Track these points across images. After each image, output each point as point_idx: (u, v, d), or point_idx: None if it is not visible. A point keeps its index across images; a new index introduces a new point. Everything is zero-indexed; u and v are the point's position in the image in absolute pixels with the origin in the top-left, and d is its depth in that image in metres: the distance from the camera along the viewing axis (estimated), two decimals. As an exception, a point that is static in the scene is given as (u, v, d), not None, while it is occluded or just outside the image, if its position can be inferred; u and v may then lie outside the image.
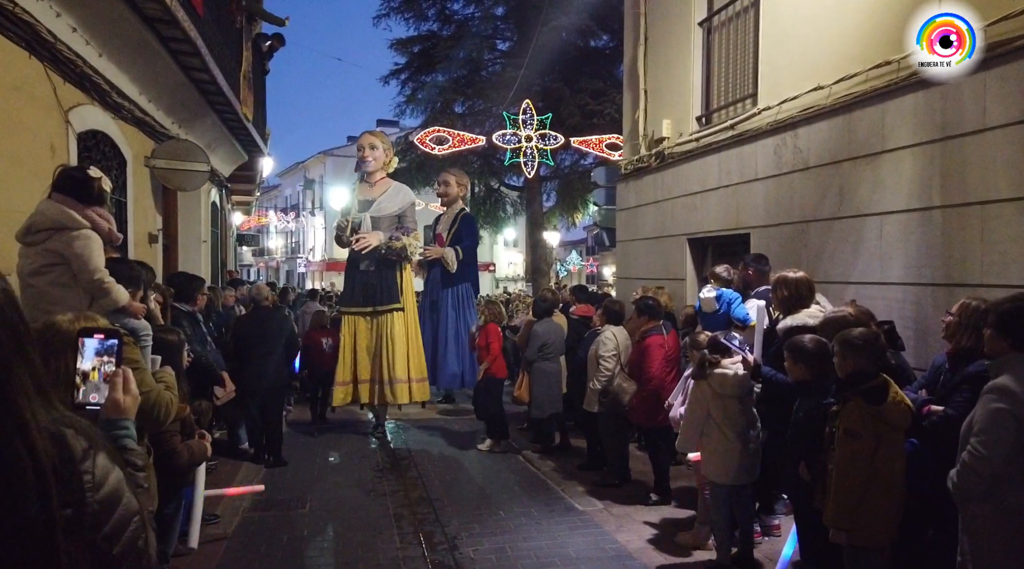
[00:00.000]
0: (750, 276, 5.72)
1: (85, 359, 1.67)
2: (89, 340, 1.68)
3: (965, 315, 3.56)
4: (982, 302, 3.53)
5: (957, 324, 3.60)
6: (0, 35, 4.49)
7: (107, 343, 1.69)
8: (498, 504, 6.00)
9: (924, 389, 3.76)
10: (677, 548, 4.97)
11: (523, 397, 7.85)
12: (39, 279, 3.04)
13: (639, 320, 6.15)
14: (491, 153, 17.91)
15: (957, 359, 3.59)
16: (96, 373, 1.68)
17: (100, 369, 1.68)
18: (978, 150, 4.61)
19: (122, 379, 1.63)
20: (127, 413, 1.62)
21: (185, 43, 6.78)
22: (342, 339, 8.61)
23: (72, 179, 3.06)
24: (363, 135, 9.18)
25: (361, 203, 8.95)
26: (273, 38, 12.48)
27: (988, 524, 2.93)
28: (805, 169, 6.29)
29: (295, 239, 47.88)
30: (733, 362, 4.55)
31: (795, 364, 3.91)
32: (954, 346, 3.63)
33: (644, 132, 9.46)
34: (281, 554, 4.94)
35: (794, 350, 3.90)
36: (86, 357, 1.67)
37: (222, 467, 6.87)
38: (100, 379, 1.67)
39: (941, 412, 3.45)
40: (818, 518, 3.55)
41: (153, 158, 7.64)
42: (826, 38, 6.06)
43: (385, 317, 8.52)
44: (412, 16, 19.57)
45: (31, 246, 3.11)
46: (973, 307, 3.54)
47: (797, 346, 3.90)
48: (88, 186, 3.06)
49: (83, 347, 1.67)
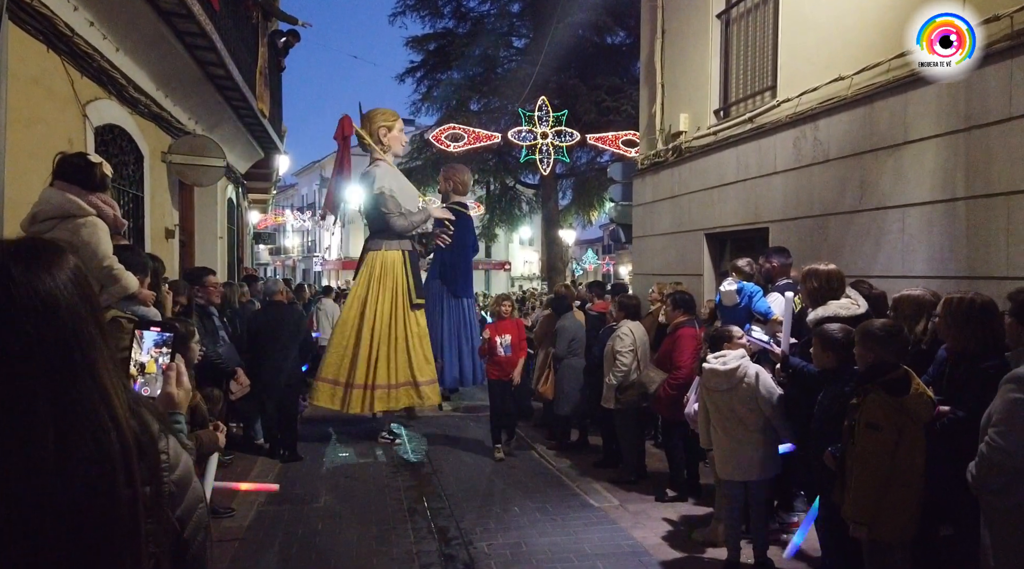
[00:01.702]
0: (771, 269, 5.64)
1: (143, 351, 1.68)
2: (148, 333, 1.69)
3: (948, 311, 3.47)
4: (964, 295, 3.47)
5: (944, 323, 3.51)
6: (18, 28, 4.52)
7: (164, 336, 1.70)
8: (513, 500, 5.97)
9: (930, 386, 3.68)
10: (693, 545, 4.91)
11: (547, 393, 7.77)
12: None
13: (673, 313, 6.10)
14: (507, 150, 17.88)
15: (955, 355, 3.51)
16: (154, 364, 1.68)
17: (158, 361, 1.69)
18: (1004, 140, 4.51)
19: (176, 372, 1.63)
20: (180, 407, 1.62)
21: (201, 38, 6.80)
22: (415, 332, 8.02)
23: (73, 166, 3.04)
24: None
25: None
26: (288, 34, 12.51)
27: (1010, 517, 2.85)
28: (825, 161, 6.19)
29: (311, 238, 48.10)
30: (736, 354, 4.49)
31: (823, 352, 3.89)
32: (948, 343, 3.54)
33: (661, 126, 9.38)
34: (296, 548, 4.94)
35: (824, 338, 3.89)
36: (144, 349, 1.68)
37: (238, 462, 6.89)
38: (158, 371, 1.68)
39: (950, 413, 3.36)
40: (838, 512, 3.48)
41: (170, 153, 7.68)
42: (847, 27, 5.96)
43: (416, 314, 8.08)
44: (428, 14, 19.60)
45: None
46: (956, 302, 3.45)
47: (827, 334, 3.89)
48: (90, 172, 3.04)
49: (141, 339, 1.68)
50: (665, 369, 5.91)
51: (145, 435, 1.16)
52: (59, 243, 1.22)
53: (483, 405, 10.23)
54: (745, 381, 4.40)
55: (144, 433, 1.16)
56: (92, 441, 1.07)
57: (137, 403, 1.20)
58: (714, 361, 4.51)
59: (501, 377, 7.38)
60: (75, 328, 1.11)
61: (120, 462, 1.08)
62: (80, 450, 1.05)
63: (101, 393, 1.10)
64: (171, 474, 1.19)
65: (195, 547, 1.24)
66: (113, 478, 1.07)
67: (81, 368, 1.10)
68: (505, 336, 7.30)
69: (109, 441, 1.08)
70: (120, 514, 1.08)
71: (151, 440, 1.17)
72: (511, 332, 7.37)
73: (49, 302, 1.09)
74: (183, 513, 1.21)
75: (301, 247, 49.29)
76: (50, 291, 1.09)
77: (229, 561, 4.64)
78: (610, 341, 6.44)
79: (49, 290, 1.09)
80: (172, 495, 1.19)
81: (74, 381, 1.08)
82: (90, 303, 1.16)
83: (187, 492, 1.23)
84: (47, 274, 1.11)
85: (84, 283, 1.17)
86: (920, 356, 3.82)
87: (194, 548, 1.24)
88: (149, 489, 1.13)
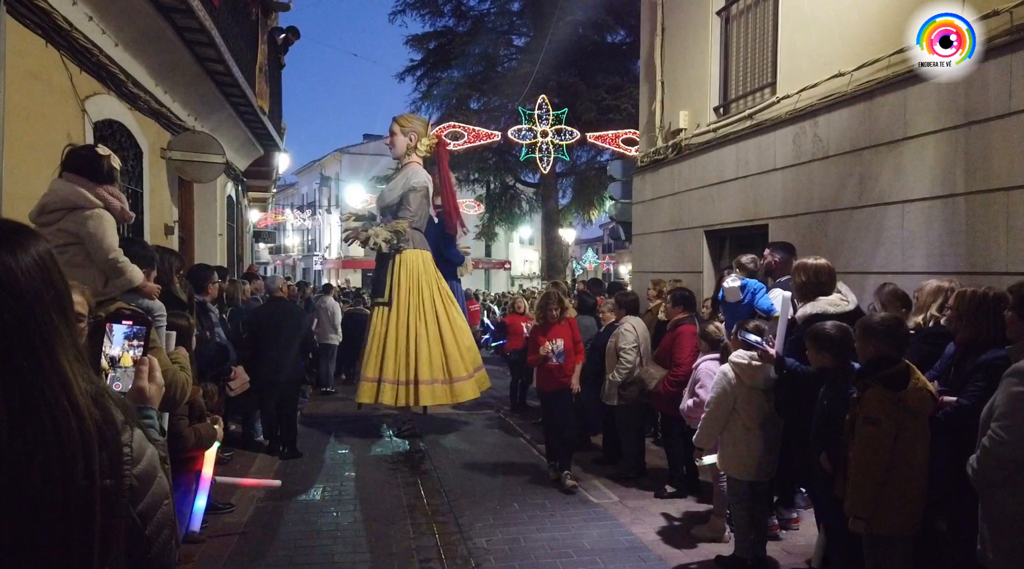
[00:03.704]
0: (773, 264, 5.59)
1: (114, 344, 1.62)
2: (118, 326, 1.63)
3: (962, 305, 3.47)
4: (977, 288, 3.48)
5: (956, 315, 3.51)
6: (17, 22, 4.51)
7: (135, 329, 1.64)
8: (512, 496, 5.96)
9: (936, 380, 3.67)
10: (692, 541, 4.90)
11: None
12: None
13: (673, 310, 6.08)
14: (507, 149, 17.89)
15: (965, 349, 3.51)
16: (127, 357, 1.63)
17: (130, 354, 1.64)
18: (1004, 135, 4.51)
19: (148, 367, 1.57)
20: (152, 402, 1.56)
21: (200, 33, 6.79)
22: (372, 331, 8.21)
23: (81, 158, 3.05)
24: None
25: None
26: (288, 31, 12.50)
27: (1009, 511, 2.84)
28: (825, 158, 6.19)
29: (311, 237, 48.11)
30: (750, 355, 4.47)
31: (818, 353, 3.78)
32: (959, 336, 3.54)
33: (661, 124, 9.38)
34: (294, 543, 4.93)
35: (817, 338, 3.77)
36: (114, 342, 1.62)
37: (238, 458, 6.89)
38: (129, 365, 1.62)
39: (955, 402, 3.36)
40: (840, 507, 3.47)
41: (169, 150, 7.67)
42: (847, 24, 5.96)
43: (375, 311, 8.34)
44: (428, 12, 19.63)
45: (45, 226, 3.10)
46: (969, 295, 3.46)
47: (820, 334, 3.77)
48: (97, 164, 3.05)
49: (111, 332, 1.62)
50: (665, 366, 5.91)
51: (108, 425, 1.13)
52: (32, 228, 1.20)
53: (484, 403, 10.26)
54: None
55: (107, 423, 1.13)
56: (50, 425, 1.05)
57: (102, 394, 1.17)
58: (744, 358, 4.42)
59: (554, 387, 6.21)
60: (36, 312, 1.10)
61: (79, 449, 1.06)
62: (34, 432, 1.03)
63: (60, 378, 1.09)
64: (133, 467, 1.16)
65: (158, 545, 1.21)
66: (71, 465, 1.05)
67: (41, 352, 1.08)
68: (557, 342, 6.15)
69: (68, 427, 1.06)
70: (75, 502, 1.05)
71: (114, 431, 1.14)
72: (563, 336, 6.21)
73: (7, 280, 1.08)
74: (145, 508, 1.18)
75: (301, 246, 49.31)
76: (10, 270, 1.09)
77: (228, 556, 4.63)
78: (612, 338, 6.43)
79: (9, 269, 1.09)
80: (133, 489, 1.16)
81: (32, 364, 1.07)
82: (55, 289, 1.15)
83: (151, 487, 1.20)
84: (9, 254, 1.10)
85: (50, 269, 1.15)
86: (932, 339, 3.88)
87: (157, 546, 1.21)
88: (109, 482, 1.10)
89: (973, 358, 3.41)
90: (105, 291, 2.98)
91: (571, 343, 6.25)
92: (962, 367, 3.48)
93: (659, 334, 6.49)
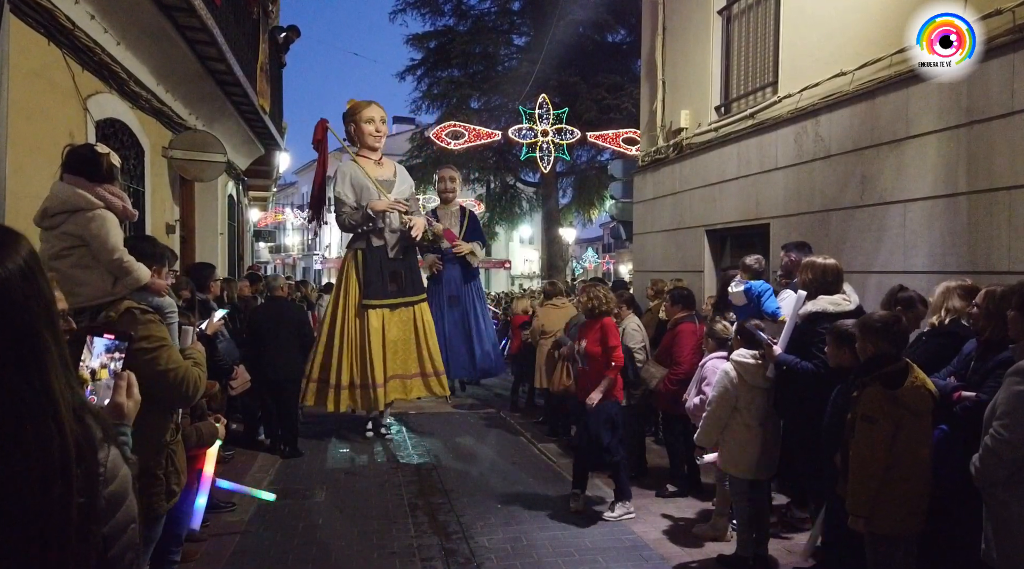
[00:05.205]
0: (790, 263, 5.48)
1: (93, 357, 1.62)
2: (99, 339, 1.62)
3: (991, 303, 3.47)
4: (1007, 287, 3.46)
5: (982, 313, 3.51)
6: (19, 21, 4.51)
7: (116, 342, 1.63)
8: (513, 495, 5.96)
9: (953, 376, 3.67)
10: (694, 539, 4.91)
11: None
12: (61, 262, 3.01)
13: (673, 308, 6.08)
14: (507, 149, 17.88)
15: (987, 347, 3.50)
16: (106, 371, 1.62)
17: (109, 367, 1.62)
18: (1006, 134, 4.51)
19: (126, 382, 1.54)
20: (129, 418, 1.53)
21: (202, 32, 6.79)
22: (368, 334, 7.77)
23: (80, 157, 3.03)
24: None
25: (382, 183, 8.10)
26: (288, 30, 12.49)
27: (1013, 510, 2.84)
28: (827, 157, 6.19)
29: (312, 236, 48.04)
30: (752, 353, 4.47)
31: (838, 349, 3.80)
32: (982, 335, 3.54)
33: (662, 123, 9.38)
34: (296, 542, 4.93)
35: (839, 336, 3.80)
36: (94, 355, 1.62)
37: (239, 457, 6.89)
38: (109, 378, 1.61)
39: (974, 398, 3.36)
40: (842, 506, 3.48)
41: (171, 149, 7.67)
42: (849, 23, 5.96)
43: (415, 308, 8.14)
44: (428, 11, 19.64)
45: (49, 230, 3.09)
46: (999, 294, 3.45)
47: (841, 332, 3.79)
48: (96, 164, 3.02)
49: (92, 344, 1.61)
50: (665, 365, 5.91)
51: (86, 441, 1.10)
52: (12, 229, 1.17)
53: (484, 403, 10.25)
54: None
55: (86, 439, 1.10)
56: (35, 444, 1.02)
57: (83, 408, 1.15)
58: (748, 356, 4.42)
59: (580, 397, 5.50)
60: (25, 325, 1.07)
61: (59, 467, 1.04)
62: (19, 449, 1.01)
63: (48, 396, 1.06)
64: (105, 488, 1.13)
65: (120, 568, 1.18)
66: (50, 483, 1.03)
67: (31, 368, 1.06)
68: (581, 343, 5.47)
69: (51, 445, 1.04)
70: (50, 521, 1.03)
71: (92, 448, 1.11)
72: (589, 337, 5.41)
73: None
74: (111, 530, 1.15)
75: (301, 245, 49.25)
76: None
77: (229, 555, 4.64)
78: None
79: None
80: (102, 510, 1.13)
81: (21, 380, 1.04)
82: (42, 297, 1.12)
83: (119, 509, 1.17)
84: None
85: (36, 275, 1.12)
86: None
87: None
88: (83, 500, 1.08)
89: (993, 356, 3.40)
90: (114, 291, 2.97)
91: (598, 347, 5.31)
92: (981, 364, 3.48)
93: (659, 333, 6.49)
